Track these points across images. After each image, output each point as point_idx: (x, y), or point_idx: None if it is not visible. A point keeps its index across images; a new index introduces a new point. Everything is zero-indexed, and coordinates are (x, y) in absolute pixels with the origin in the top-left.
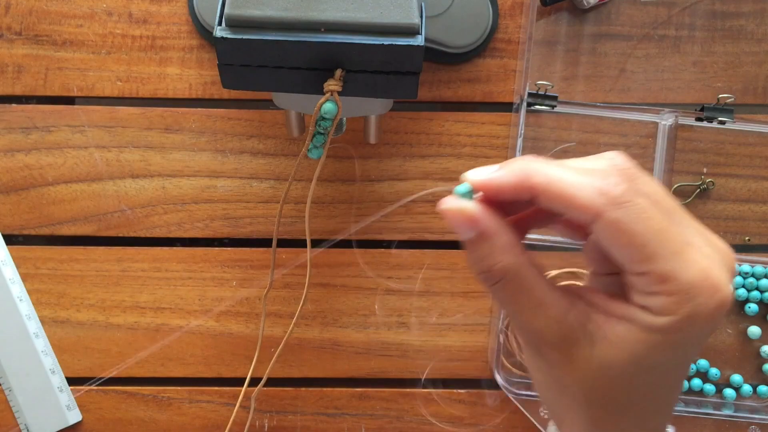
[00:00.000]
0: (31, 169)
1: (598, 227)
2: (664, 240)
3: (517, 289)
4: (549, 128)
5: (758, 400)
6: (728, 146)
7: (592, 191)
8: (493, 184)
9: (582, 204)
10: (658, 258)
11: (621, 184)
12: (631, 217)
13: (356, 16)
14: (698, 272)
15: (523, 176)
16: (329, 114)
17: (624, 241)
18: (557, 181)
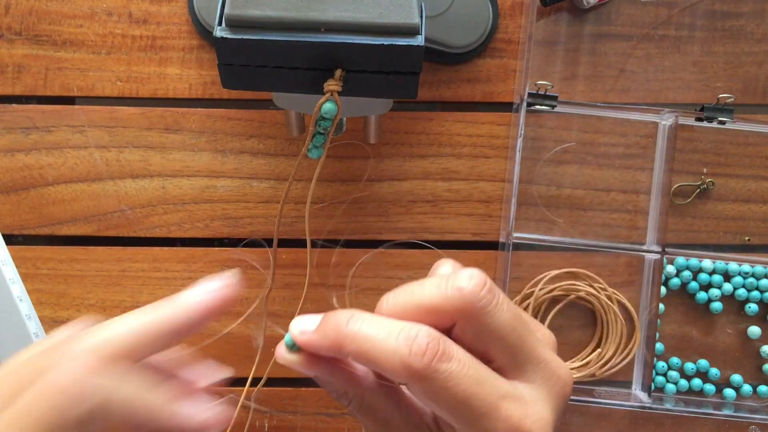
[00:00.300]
0: (31, 169)
1: (409, 389)
2: (471, 405)
3: (363, 411)
4: (549, 128)
5: (758, 400)
6: (728, 146)
7: (397, 361)
8: (310, 346)
9: (391, 374)
10: (465, 419)
11: (426, 354)
12: (436, 388)
13: (356, 16)
14: (509, 427)
15: (336, 343)
16: (329, 114)
17: (432, 406)
18: (366, 350)
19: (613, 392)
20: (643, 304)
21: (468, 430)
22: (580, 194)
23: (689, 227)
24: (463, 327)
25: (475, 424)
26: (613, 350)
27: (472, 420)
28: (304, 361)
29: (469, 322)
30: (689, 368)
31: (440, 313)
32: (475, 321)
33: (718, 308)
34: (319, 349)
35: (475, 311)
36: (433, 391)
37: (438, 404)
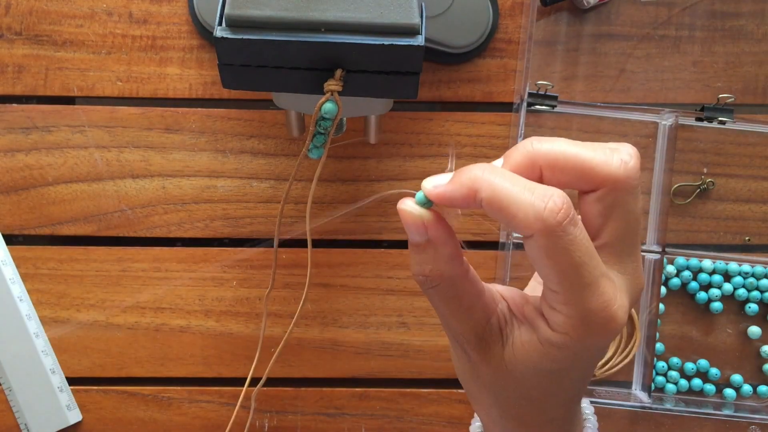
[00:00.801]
0: (31, 169)
1: (529, 245)
2: (581, 272)
3: (449, 296)
4: (549, 128)
5: (758, 400)
6: (728, 146)
7: (531, 212)
8: (445, 197)
9: (519, 223)
10: (570, 286)
11: (560, 212)
12: (558, 247)
13: (356, 16)
14: (600, 303)
15: (471, 189)
16: (329, 114)
17: (546, 264)
18: (501, 198)
19: (613, 392)
20: (643, 304)
21: (567, 297)
22: None
23: (689, 227)
24: (602, 196)
25: (577, 291)
26: (613, 350)
27: (576, 287)
28: (431, 218)
29: (614, 193)
30: (689, 368)
31: (593, 175)
32: (619, 195)
33: (718, 308)
34: (453, 199)
35: (627, 186)
36: (555, 249)
37: (554, 263)
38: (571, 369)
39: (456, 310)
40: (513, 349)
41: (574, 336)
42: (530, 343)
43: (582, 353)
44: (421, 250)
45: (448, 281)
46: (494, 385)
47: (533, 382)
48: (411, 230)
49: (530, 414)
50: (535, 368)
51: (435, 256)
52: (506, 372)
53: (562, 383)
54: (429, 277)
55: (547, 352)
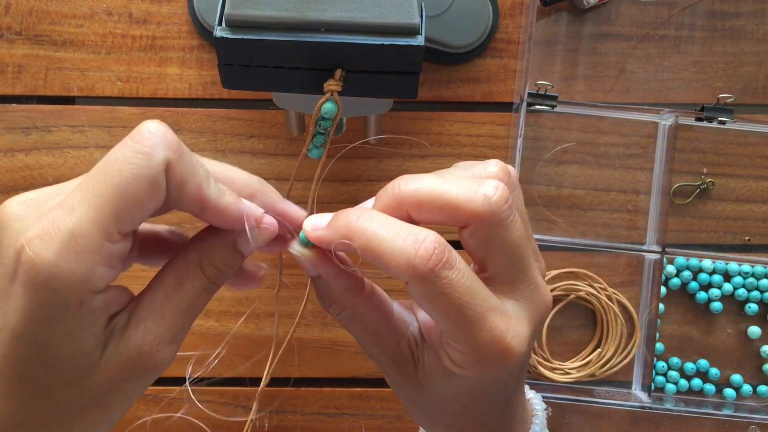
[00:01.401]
0: (31, 169)
1: (409, 289)
2: (463, 312)
3: (354, 322)
4: (549, 128)
5: (758, 400)
6: (728, 146)
7: (403, 261)
8: (322, 241)
9: (393, 272)
10: (455, 324)
11: (432, 258)
12: (434, 292)
13: (356, 16)
14: (489, 338)
15: (345, 237)
16: (329, 114)
17: (426, 307)
18: (373, 247)
19: (613, 392)
20: (643, 304)
21: (456, 335)
22: (580, 194)
23: (689, 227)
24: (473, 231)
25: (464, 330)
26: (613, 350)
27: (461, 326)
28: (314, 258)
29: (483, 229)
30: (689, 368)
31: (458, 213)
32: (490, 230)
33: (718, 308)
34: (329, 243)
35: (494, 221)
36: (431, 293)
37: (433, 307)
38: (485, 394)
39: (364, 334)
40: (425, 372)
41: (472, 370)
42: (437, 370)
43: (488, 383)
44: (318, 284)
45: (348, 310)
46: (417, 400)
47: (450, 401)
48: (303, 266)
49: (461, 423)
50: (448, 391)
51: (329, 291)
52: (423, 391)
53: (480, 403)
54: (331, 306)
55: (454, 381)
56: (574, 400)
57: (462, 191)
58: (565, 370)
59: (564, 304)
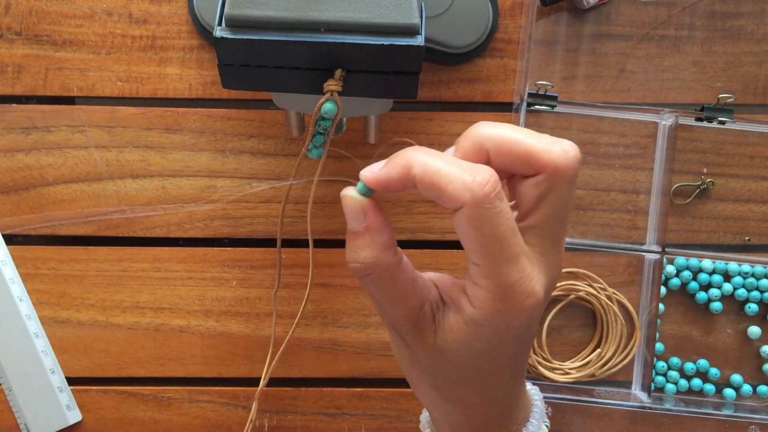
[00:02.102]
0: (31, 169)
1: (457, 217)
2: (504, 245)
3: (383, 283)
4: (549, 128)
5: (758, 400)
6: (728, 146)
7: (461, 185)
8: (381, 179)
9: (449, 196)
10: (493, 258)
11: (487, 185)
12: (484, 219)
13: (356, 16)
14: (518, 279)
15: (405, 167)
16: (329, 114)
17: (472, 236)
18: (432, 173)
19: (613, 392)
20: (643, 304)
21: (488, 270)
22: (580, 194)
23: (689, 227)
24: (540, 181)
25: (499, 264)
26: (613, 350)
27: (497, 259)
28: (370, 205)
29: (553, 180)
30: (689, 368)
31: (535, 160)
32: (558, 182)
33: (718, 308)
34: (390, 179)
35: (565, 175)
36: (481, 219)
37: (479, 235)
38: (500, 348)
39: (391, 297)
40: (444, 333)
41: (494, 311)
42: (457, 324)
43: (505, 331)
44: (358, 237)
45: (382, 269)
46: (432, 367)
47: (467, 362)
48: (350, 216)
49: (470, 395)
50: (465, 349)
51: (371, 243)
52: (441, 355)
53: (495, 363)
54: (364, 264)
55: (472, 332)
56: (574, 400)
57: (542, 142)
58: (565, 370)
59: (564, 304)
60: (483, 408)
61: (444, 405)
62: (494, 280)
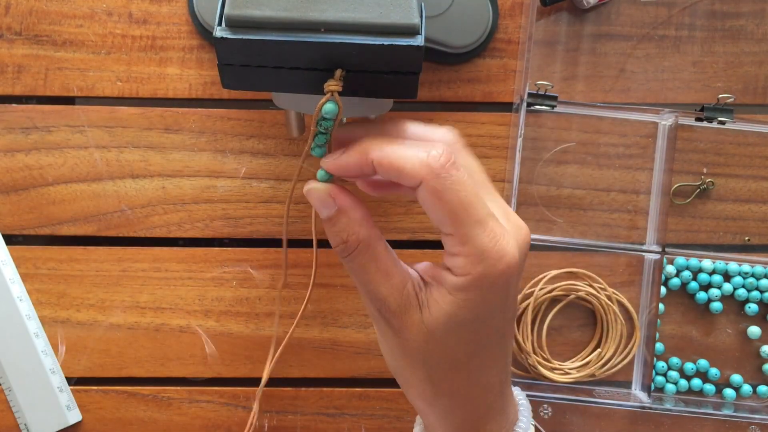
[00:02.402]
0: (31, 169)
1: (420, 192)
2: (470, 209)
3: (369, 258)
4: (549, 128)
5: (758, 400)
6: (728, 146)
7: (418, 162)
8: (341, 165)
9: (407, 173)
10: (462, 223)
11: (441, 157)
12: (446, 186)
13: (356, 17)
14: (490, 239)
15: (363, 153)
16: (330, 114)
17: (437, 206)
18: (389, 155)
19: (613, 392)
20: (643, 304)
21: (460, 234)
22: (580, 194)
23: (689, 227)
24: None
25: (469, 228)
26: (612, 350)
27: (466, 224)
28: (335, 188)
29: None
30: (689, 368)
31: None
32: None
33: (718, 308)
34: (349, 165)
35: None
36: (443, 189)
37: (444, 204)
38: (486, 315)
39: (375, 273)
40: (429, 310)
41: (475, 275)
42: (442, 297)
43: (489, 293)
44: (335, 221)
45: (364, 243)
46: (422, 353)
47: (457, 338)
48: (321, 205)
49: (464, 384)
50: (453, 322)
51: (348, 222)
52: (429, 335)
53: (483, 333)
54: (347, 242)
55: (458, 301)
56: (573, 400)
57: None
58: (564, 370)
59: (564, 304)
60: (477, 399)
61: (439, 401)
62: (468, 245)
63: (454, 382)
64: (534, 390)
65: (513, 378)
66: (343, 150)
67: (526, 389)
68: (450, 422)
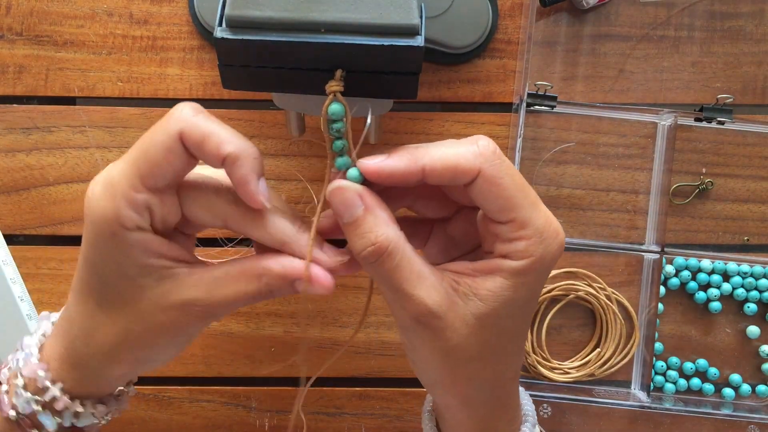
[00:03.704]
0: (32, 169)
1: (478, 182)
2: (525, 193)
3: (400, 261)
4: (548, 128)
5: (757, 399)
6: (727, 146)
7: (470, 155)
8: (385, 171)
9: (465, 167)
10: (520, 207)
11: (490, 146)
12: (503, 172)
13: (356, 17)
14: (545, 220)
15: (412, 160)
16: (337, 115)
17: (496, 193)
18: (441, 157)
19: (613, 392)
20: (643, 304)
21: (521, 218)
22: (580, 194)
23: (688, 227)
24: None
25: (528, 210)
26: (612, 350)
27: (526, 206)
28: (363, 188)
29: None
30: (688, 368)
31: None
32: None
33: (717, 308)
34: (396, 170)
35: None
36: (500, 174)
37: (503, 189)
38: (536, 293)
39: (409, 276)
40: (478, 301)
41: (537, 256)
42: (496, 285)
43: (542, 275)
44: (360, 222)
45: (394, 243)
46: (464, 350)
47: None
48: (347, 207)
49: (475, 394)
50: (505, 307)
51: (376, 222)
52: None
53: (523, 318)
54: (376, 244)
55: (516, 284)
56: (573, 400)
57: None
58: (564, 370)
59: (563, 303)
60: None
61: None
62: (529, 227)
63: (468, 391)
64: (534, 389)
65: None
66: (387, 155)
67: (525, 389)
68: (474, 411)
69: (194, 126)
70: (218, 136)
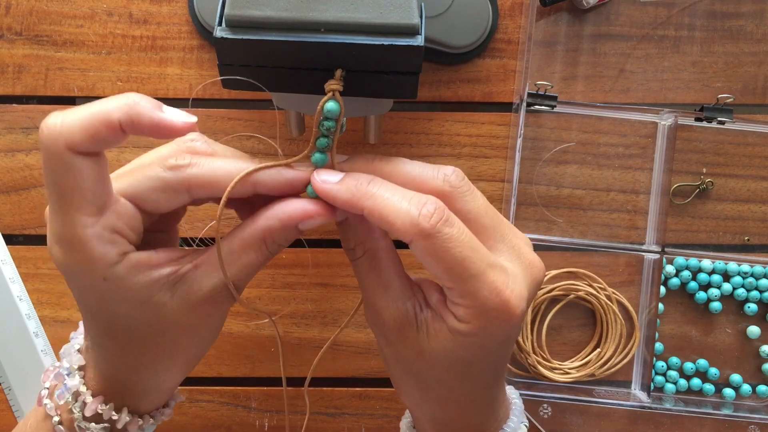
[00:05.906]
0: (31, 169)
1: (413, 248)
2: (466, 264)
3: (371, 267)
4: (549, 128)
5: (757, 399)
6: (728, 146)
7: (408, 221)
8: (329, 195)
9: (398, 230)
10: (459, 279)
11: (433, 216)
12: (437, 246)
13: (356, 17)
14: (491, 292)
15: (355, 198)
16: (332, 114)
17: (430, 263)
18: (381, 208)
19: (613, 392)
20: (643, 304)
21: (460, 290)
22: (580, 194)
23: (688, 227)
24: None
25: (466, 283)
26: (612, 350)
27: (463, 279)
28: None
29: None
30: (688, 368)
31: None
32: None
33: (718, 308)
34: (336, 200)
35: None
36: (435, 249)
37: (437, 262)
38: (482, 356)
39: (376, 282)
40: (427, 337)
41: (477, 324)
42: (441, 332)
43: (488, 341)
44: (345, 227)
45: (370, 252)
46: (414, 366)
47: (448, 367)
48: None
49: (450, 396)
50: (447, 355)
51: (355, 230)
52: (421, 355)
53: (474, 370)
54: (353, 250)
55: (457, 340)
56: (573, 400)
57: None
58: (564, 370)
59: (563, 303)
60: (463, 407)
61: (424, 405)
62: (469, 299)
63: (442, 394)
64: (534, 390)
65: (513, 378)
66: (341, 178)
67: (525, 389)
68: (437, 423)
69: (71, 133)
70: (100, 118)
